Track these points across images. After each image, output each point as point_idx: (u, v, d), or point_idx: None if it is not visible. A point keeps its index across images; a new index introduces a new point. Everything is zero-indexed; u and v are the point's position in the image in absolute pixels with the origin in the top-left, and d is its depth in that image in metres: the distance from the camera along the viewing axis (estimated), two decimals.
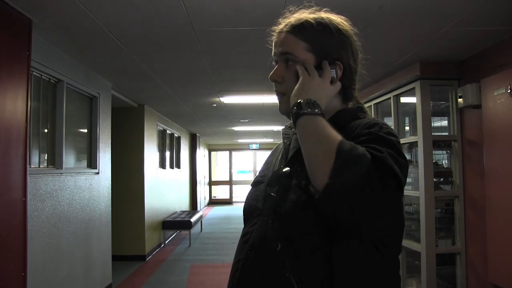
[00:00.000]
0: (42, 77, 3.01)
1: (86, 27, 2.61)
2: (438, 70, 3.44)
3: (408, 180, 4.00)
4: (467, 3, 2.30)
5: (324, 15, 0.94)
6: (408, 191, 3.81)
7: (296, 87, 0.86)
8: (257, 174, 1.07)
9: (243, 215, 0.99)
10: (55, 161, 3.17)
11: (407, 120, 4.51)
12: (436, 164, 3.66)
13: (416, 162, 3.75)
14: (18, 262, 2.34)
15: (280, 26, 0.94)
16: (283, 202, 0.85)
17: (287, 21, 0.93)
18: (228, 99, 5.39)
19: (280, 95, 0.94)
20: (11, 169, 2.30)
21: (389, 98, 3.93)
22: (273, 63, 0.96)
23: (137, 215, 5.63)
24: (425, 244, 3.36)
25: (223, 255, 5.97)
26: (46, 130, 3.13)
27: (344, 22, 0.94)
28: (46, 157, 3.11)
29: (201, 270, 5.22)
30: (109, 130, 4.32)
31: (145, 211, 5.69)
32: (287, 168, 0.89)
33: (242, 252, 0.90)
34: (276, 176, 0.91)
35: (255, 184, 1.00)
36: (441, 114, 3.92)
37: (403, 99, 3.94)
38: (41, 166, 3.02)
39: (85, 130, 3.93)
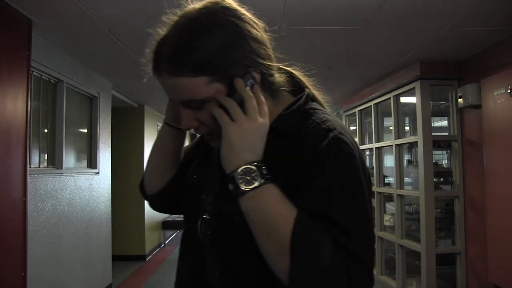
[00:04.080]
0: (42, 77, 3.01)
1: (86, 27, 2.61)
2: (438, 70, 3.44)
3: (408, 180, 4.00)
4: (467, 3, 2.30)
5: (193, 12, 0.69)
6: (408, 191, 3.82)
7: (222, 146, 0.68)
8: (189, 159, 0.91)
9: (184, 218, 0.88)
10: (55, 161, 3.17)
11: (407, 120, 4.51)
12: (436, 164, 3.66)
13: (416, 162, 3.75)
14: (18, 262, 2.34)
15: (152, 58, 0.71)
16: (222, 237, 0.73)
17: (160, 52, 0.69)
18: None
19: (206, 136, 0.77)
20: (11, 169, 2.30)
21: (389, 98, 3.93)
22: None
23: (137, 215, 5.63)
24: (425, 244, 3.36)
25: None
26: (46, 130, 3.13)
27: (219, 9, 0.68)
28: (46, 157, 3.11)
29: None
30: (109, 130, 4.32)
31: (145, 211, 5.68)
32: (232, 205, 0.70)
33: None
34: (212, 198, 0.77)
35: (193, 187, 0.84)
36: (441, 114, 3.93)
37: (403, 99, 3.94)
38: (41, 166, 3.01)
39: (85, 130, 3.93)
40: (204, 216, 0.76)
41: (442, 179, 3.68)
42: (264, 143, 0.69)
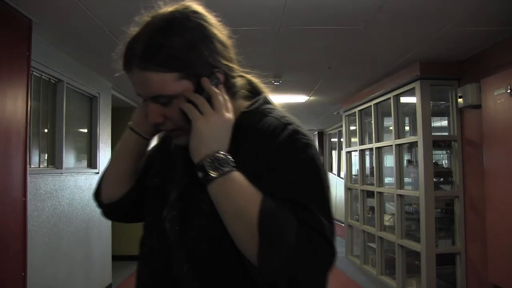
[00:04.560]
0: (42, 77, 3.01)
1: (86, 27, 2.61)
2: (438, 70, 3.44)
3: (408, 180, 4.00)
4: (467, 3, 2.30)
5: (165, 14, 0.76)
6: (408, 191, 3.82)
7: (191, 138, 0.72)
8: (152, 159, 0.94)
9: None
10: (55, 161, 3.17)
11: (407, 120, 4.51)
12: (436, 164, 3.66)
13: (416, 162, 3.75)
14: (18, 262, 2.34)
15: (124, 54, 0.75)
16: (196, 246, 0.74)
17: (133, 49, 0.73)
18: None
19: (170, 133, 0.80)
20: (11, 169, 2.30)
21: (389, 98, 3.93)
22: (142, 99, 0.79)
23: None
24: (425, 244, 3.36)
25: None
26: (46, 130, 3.13)
27: (189, 13, 0.75)
28: (46, 157, 3.11)
29: None
30: (109, 130, 4.32)
31: None
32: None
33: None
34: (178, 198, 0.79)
35: (156, 189, 0.85)
36: (441, 114, 3.93)
37: (403, 99, 3.94)
38: (41, 166, 3.01)
39: (85, 130, 3.93)
40: (171, 213, 0.78)
41: (442, 179, 3.68)
42: (230, 136, 0.74)
